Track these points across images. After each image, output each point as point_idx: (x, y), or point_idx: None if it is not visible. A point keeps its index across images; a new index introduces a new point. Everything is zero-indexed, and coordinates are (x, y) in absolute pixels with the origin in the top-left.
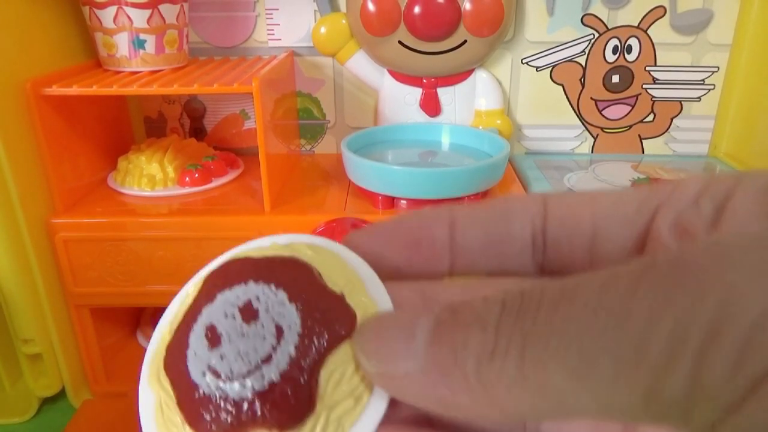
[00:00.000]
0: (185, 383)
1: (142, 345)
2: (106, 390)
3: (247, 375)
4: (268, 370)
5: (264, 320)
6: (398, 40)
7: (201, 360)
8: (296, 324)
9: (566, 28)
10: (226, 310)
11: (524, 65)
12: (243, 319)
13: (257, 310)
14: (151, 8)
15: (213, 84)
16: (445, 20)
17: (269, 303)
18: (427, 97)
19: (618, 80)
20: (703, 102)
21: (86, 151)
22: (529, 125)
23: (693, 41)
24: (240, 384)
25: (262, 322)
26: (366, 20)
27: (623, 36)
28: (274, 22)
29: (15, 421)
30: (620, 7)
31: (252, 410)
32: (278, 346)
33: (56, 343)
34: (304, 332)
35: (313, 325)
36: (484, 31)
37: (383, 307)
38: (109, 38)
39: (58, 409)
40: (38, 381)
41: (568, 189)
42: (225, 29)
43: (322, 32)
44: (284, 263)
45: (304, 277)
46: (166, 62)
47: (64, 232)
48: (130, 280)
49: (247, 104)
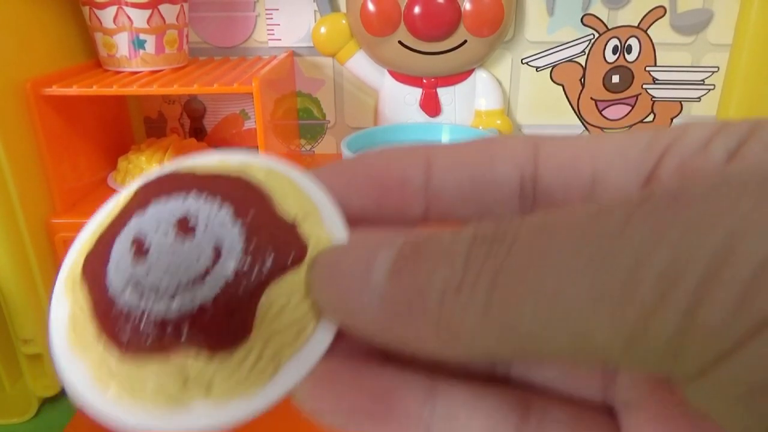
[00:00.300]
0: (102, 296)
1: None
2: None
3: (174, 294)
4: (199, 291)
5: (201, 238)
6: (398, 40)
7: (123, 272)
8: (237, 247)
9: (566, 28)
10: (158, 222)
11: (524, 65)
12: (177, 235)
13: (194, 227)
14: (151, 8)
15: (213, 84)
16: (445, 20)
17: (209, 221)
18: (427, 98)
19: (618, 80)
20: (703, 102)
21: (86, 151)
22: (529, 125)
23: (693, 41)
24: (167, 302)
25: (199, 240)
26: (366, 20)
27: (623, 36)
28: (274, 22)
29: (15, 422)
30: (620, 7)
31: (176, 332)
32: (213, 267)
33: None
34: (245, 256)
35: (256, 250)
36: (484, 31)
37: (339, 241)
38: (109, 38)
39: (57, 409)
40: (38, 381)
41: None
42: (225, 29)
43: (322, 32)
44: (231, 181)
45: (252, 200)
46: (166, 62)
47: (64, 232)
48: None
49: (247, 104)
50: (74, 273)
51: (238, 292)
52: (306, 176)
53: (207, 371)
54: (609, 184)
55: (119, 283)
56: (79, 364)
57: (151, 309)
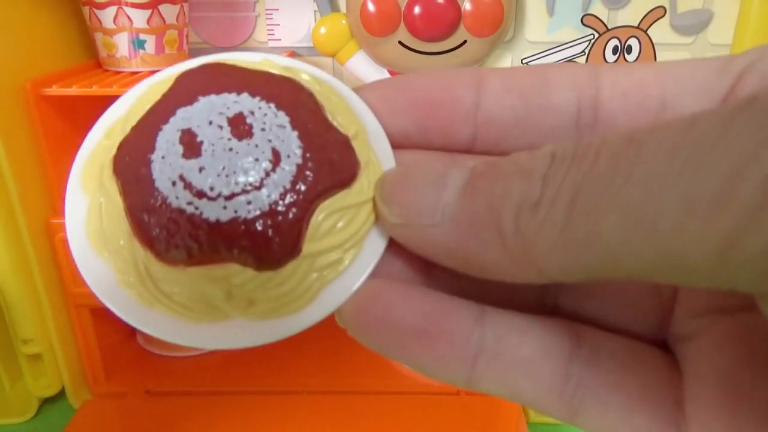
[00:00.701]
0: (144, 190)
1: (142, 346)
2: (106, 390)
3: (231, 197)
4: (257, 198)
5: (259, 140)
6: (398, 41)
7: (171, 167)
8: (296, 153)
9: (566, 28)
10: (211, 116)
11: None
12: (233, 132)
13: (251, 126)
14: (151, 8)
15: None
16: (445, 20)
17: (267, 122)
18: None
19: None
20: None
21: None
22: None
23: (693, 41)
24: (220, 206)
25: (257, 141)
26: (366, 20)
27: (623, 36)
28: (274, 22)
29: (15, 422)
30: (620, 7)
31: (228, 239)
32: (272, 172)
33: (56, 344)
34: (303, 165)
35: (314, 160)
36: (484, 32)
37: (387, 162)
38: (109, 38)
39: (57, 409)
40: (38, 381)
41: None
42: (225, 29)
43: (321, 32)
44: (286, 83)
45: (306, 107)
46: (166, 62)
47: (63, 233)
48: None
49: None
50: (98, 162)
51: (294, 203)
52: (352, 92)
53: (251, 285)
54: (680, 109)
55: (165, 177)
56: (103, 263)
57: (202, 212)
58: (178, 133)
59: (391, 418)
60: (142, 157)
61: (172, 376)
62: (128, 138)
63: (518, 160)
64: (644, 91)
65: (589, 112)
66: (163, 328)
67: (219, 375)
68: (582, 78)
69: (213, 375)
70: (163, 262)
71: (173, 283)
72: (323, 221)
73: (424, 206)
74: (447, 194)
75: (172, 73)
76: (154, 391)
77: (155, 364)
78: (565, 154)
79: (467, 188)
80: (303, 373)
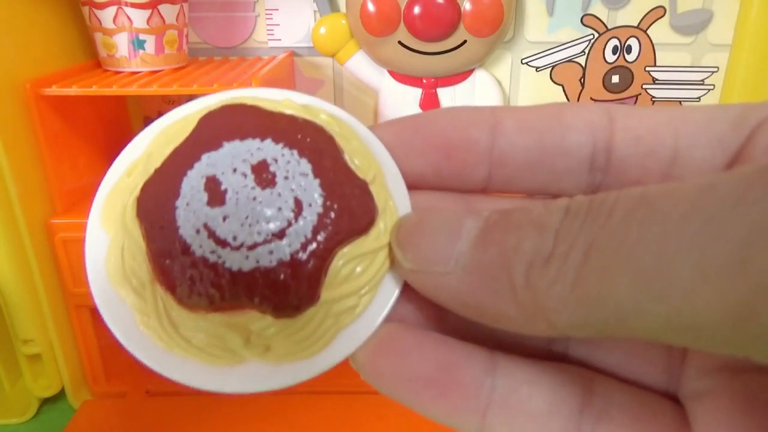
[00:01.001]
0: (168, 237)
1: None
2: (106, 390)
3: (253, 247)
4: (279, 248)
5: (282, 188)
6: (398, 41)
7: (196, 215)
8: (318, 202)
9: (566, 28)
10: (235, 163)
11: (524, 65)
12: (256, 181)
13: (274, 174)
14: (150, 8)
15: (213, 84)
16: (445, 20)
17: (290, 170)
18: (427, 98)
19: (618, 80)
20: (703, 102)
21: (86, 152)
22: None
23: (693, 41)
24: (242, 256)
25: (280, 190)
26: (366, 20)
27: (623, 36)
28: (274, 22)
29: (14, 422)
30: (620, 7)
31: (249, 288)
32: (294, 222)
33: (56, 344)
34: (324, 214)
35: (334, 209)
36: (484, 31)
37: (403, 206)
38: (108, 38)
39: (57, 409)
40: (38, 381)
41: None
42: (225, 30)
43: (321, 32)
44: (307, 127)
45: (327, 152)
46: (165, 62)
47: (63, 233)
48: None
49: None
50: (119, 200)
51: (314, 253)
52: (369, 131)
53: (269, 332)
54: (691, 160)
55: (190, 225)
56: (122, 302)
57: (225, 261)
58: (202, 179)
59: (391, 418)
60: (166, 203)
61: None
62: (152, 180)
63: (532, 212)
64: (657, 139)
65: (602, 155)
66: (180, 372)
67: None
68: (596, 120)
69: None
70: (184, 307)
71: (193, 328)
72: (341, 268)
73: (438, 254)
74: (461, 244)
75: (192, 111)
76: (154, 391)
77: None
78: (579, 209)
79: (480, 238)
80: None
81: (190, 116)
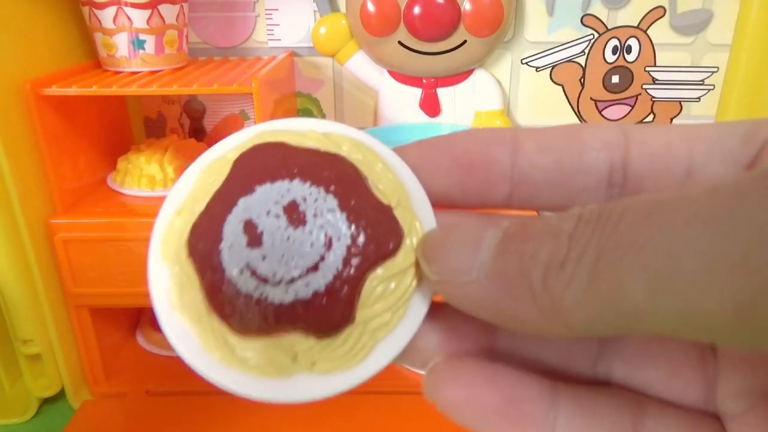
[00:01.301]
0: (217, 276)
1: (142, 346)
2: (106, 390)
3: (291, 281)
4: (314, 279)
5: (312, 227)
6: (398, 41)
7: (239, 256)
8: (346, 235)
9: (566, 28)
10: (268, 206)
11: (524, 65)
12: (289, 221)
13: (304, 213)
14: (150, 8)
15: (213, 84)
16: (444, 20)
17: (318, 208)
18: (426, 98)
19: (618, 81)
20: (703, 102)
21: (86, 152)
22: (529, 125)
23: (692, 41)
24: (283, 290)
25: (310, 228)
26: (366, 20)
27: (623, 36)
28: (274, 22)
29: (14, 422)
30: (620, 7)
31: (291, 317)
32: (326, 256)
33: (56, 344)
34: (352, 244)
35: (361, 238)
36: (483, 32)
37: (428, 224)
38: (108, 38)
39: (57, 409)
40: (38, 381)
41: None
42: (225, 30)
43: (321, 32)
44: (331, 161)
45: (352, 183)
46: (165, 62)
47: (63, 233)
48: (130, 281)
49: (246, 104)
50: (175, 240)
51: (347, 281)
52: (392, 153)
53: (313, 350)
54: (705, 174)
55: (234, 266)
56: (186, 330)
57: (267, 295)
58: (241, 224)
59: (391, 418)
60: (212, 247)
61: (172, 376)
62: (198, 223)
63: (547, 221)
64: (672, 155)
65: (619, 173)
66: (240, 386)
67: None
68: (612, 139)
69: None
70: (238, 333)
71: (247, 349)
72: (374, 289)
73: (461, 265)
74: (482, 254)
75: (229, 149)
76: (154, 391)
77: (155, 364)
78: (591, 216)
79: (500, 248)
80: None
81: (227, 155)
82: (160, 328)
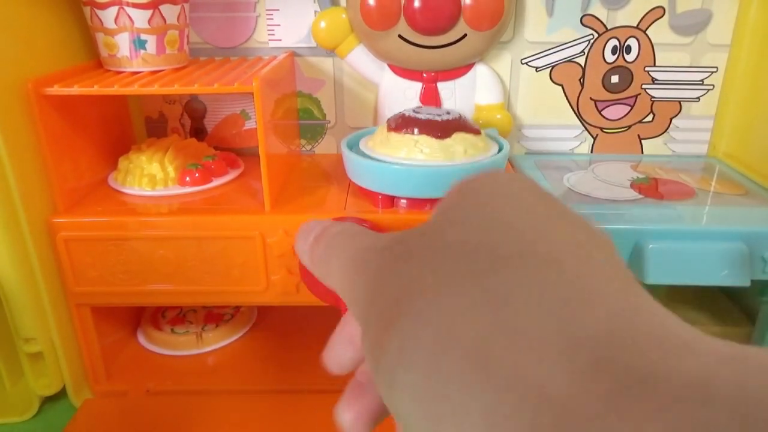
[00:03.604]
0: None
1: (143, 345)
2: (107, 389)
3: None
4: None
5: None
6: (398, 34)
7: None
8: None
9: (565, 28)
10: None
11: (524, 65)
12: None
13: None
14: (152, 9)
15: (213, 84)
16: (445, 14)
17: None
18: (427, 92)
19: (617, 80)
20: (702, 102)
21: (87, 151)
22: (528, 125)
23: (692, 41)
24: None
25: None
26: (366, 14)
27: (622, 36)
28: (275, 22)
29: (15, 420)
30: (619, 7)
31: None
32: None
33: (57, 342)
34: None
35: None
36: (483, 25)
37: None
38: (110, 38)
39: (58, 408)
40: (39, 380)
41: (567, 189)
42: (225, 30)
43: (321, 27)
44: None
45: None
46: (166, 62)
47: (65, 232)
48: (131, 280)
49: (247, 104)
50: None
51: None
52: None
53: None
54: None
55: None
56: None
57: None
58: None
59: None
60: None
61: (173, 375)
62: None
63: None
64: None
65: None
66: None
67: (219, 375)
68: None
69: (213, 375)
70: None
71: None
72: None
73: (300, 247)
74: (306, 244)
75: None
76: (154, 390)
77: (156, 363)
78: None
79: (315, 239)
80: (303, 372)
81: None
82: (160, 328)
